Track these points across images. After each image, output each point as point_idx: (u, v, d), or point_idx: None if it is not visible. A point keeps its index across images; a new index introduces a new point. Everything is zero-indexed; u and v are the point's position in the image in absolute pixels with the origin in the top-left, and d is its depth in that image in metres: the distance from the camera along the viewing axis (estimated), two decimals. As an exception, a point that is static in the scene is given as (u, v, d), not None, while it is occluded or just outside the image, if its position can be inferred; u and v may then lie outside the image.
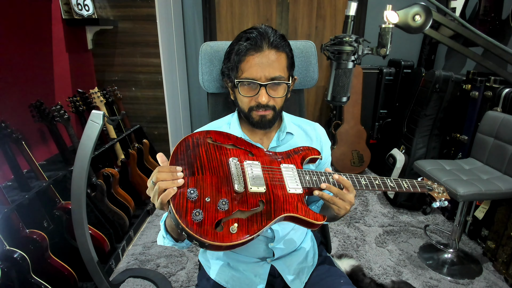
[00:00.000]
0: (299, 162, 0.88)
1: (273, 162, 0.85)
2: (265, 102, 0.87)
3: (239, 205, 0.73)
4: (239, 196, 0.75)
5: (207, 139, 0.83)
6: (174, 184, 0.69)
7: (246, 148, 0.86)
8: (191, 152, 0.78)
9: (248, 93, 0.89)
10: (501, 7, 2.29)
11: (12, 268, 1.32)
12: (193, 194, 0.70)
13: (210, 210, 0.70)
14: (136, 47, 2.55)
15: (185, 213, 0.67)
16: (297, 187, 0.81)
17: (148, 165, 2.60)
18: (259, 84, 0.86)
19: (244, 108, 0.92)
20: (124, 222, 2.11)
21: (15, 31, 1.76)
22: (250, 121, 0.93)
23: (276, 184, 0.80)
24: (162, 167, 0.72)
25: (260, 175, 0.80)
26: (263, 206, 0.76)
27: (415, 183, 0.93)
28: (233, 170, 0.78)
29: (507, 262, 1.83)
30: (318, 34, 3.28)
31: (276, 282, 1.01)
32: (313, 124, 1.06)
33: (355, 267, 1.80)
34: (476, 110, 2.18)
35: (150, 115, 2.73)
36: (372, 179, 0.88)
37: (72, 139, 1.89)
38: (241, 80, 0.87)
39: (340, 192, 0.81)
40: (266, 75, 0.86)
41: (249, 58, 0.86)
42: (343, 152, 3.08)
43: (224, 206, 0.71)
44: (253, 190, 0.76)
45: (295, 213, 0.78)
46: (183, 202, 0.69)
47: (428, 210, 2.51)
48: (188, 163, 0.76)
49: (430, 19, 0.74)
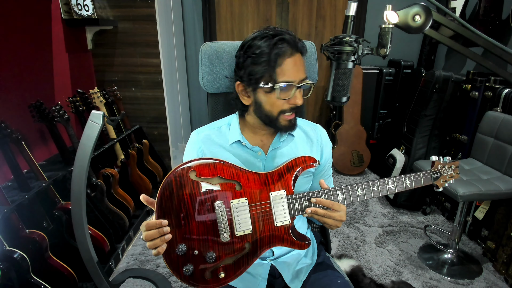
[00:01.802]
0: (290, 183, 0.86)
1: (262, 191, 0.83)
2: (301, 104, 0.88)
3: (226, 253, 0.80)
4: (226, 244, 0.80)
5: (191, 173, 0.78)
6: (162, 242, 0.74)
7: (234, 178, 0.82)
8: (175, 198, 0.77)
9: (285, 96, 0.87)
10: (501, 7, 2.29)
11: (12, 268, 1.32)
12: (182, 250, 0.77)
13: (199, 263, 0.78)
14: (136, 47, 2.55)
15: (176, 268, 0.77)
16: (285, 218, 0.83)
17: (148, 165, 2.60)
18: (297, 86, 0.86)
19: (274, 112, 0.89)
20: (124, 222, 2.11)
21: (15, 31, 1.76)
22: (276, 126, 0.91)
23: (263, 219, 0.83)
24: (149, 224, 0.74)
25: (247, 216, 0.81)
26: (249, 247, 0.81)
27: (421, 177, 0.94)
28: (219, 218, 0.79)
29: (507, 262, 1.83)
30: (318, 34, 3.28)
31: (276, 282, 1.01)
32: (314, 126, 1.05)
33: (355, 267, 1.80)
34: (476, 110, 2.18)
35: (150, 115, 2.73)
36: (371, 184, 0.88)
37: (72, 139, 1.89)
38: (283, 83, 0.85)
39: (327, 213, 0.83)
40: (300, 77, 0.86)
41: (287, 61, 0.85)
42: (343, 152, 3.08)
43: (211, 257, 0.78)
44: (239, 234, 0.80)
45: (281, 245, 0.85)
46: (174, 258, 0.77)
47: (428, 210, 2.51)
48: (173, 211, 0.77)
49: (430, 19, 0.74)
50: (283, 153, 0.97)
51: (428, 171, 0.96)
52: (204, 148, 0.96)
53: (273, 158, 0.96)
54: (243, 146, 0.95)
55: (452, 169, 0.99)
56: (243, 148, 0.96)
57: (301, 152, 0.99)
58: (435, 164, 0.97)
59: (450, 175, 0.99)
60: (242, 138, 0.95)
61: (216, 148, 0.96)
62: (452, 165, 0.99)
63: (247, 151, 0.96)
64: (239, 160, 0.95)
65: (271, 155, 0.96)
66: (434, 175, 0.96)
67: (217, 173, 0.81)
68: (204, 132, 0.99)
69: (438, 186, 0.97)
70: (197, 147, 0.96)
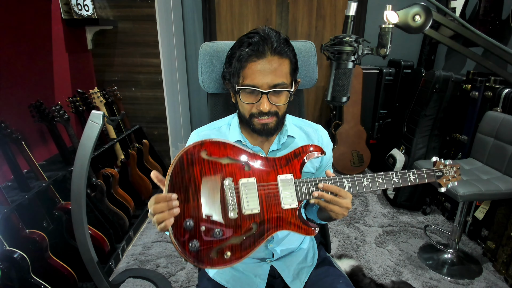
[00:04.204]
0: (298, 168, 0.86)
1: (270, 173, 0.84)
2: (266, 110, 0.86)
3: (233, 231, 0.79)
4: (233, 222, 0.79)
5: (202, 152, 0.79)
6: (171, 215, 0.72)
7: (243, 160, 0.83)
8: (186, 174, 0.77)
9: (250, 100, 0.87)
10: (501, 7, 2.29)
11: (12, 268, 1.32)
12: (189, 225, 0.75)
13: (206, 239, 0.76)
14: (136, 47, 2.55)
15: (183, 244, 0.75)
16: (292, 202, 0.83)
17: (148, 165, 2.60)
18: (261, 92, 0.84)
19: (245, 114, 0.90)
20: (124, 222, 2.11)
21: (15, 31, 1.76)
22: (252, 128, 0.91)
23: (271, 201, 0.82)
24: (158, 197, 0.73)
25: (255, 195, 0.81)
26: (256, 228, 0.80)
27: (424, 173, 0.94)
28: (227, 195, 0.79)
29: (507, 262, 1.83)
30: (318, 34, 3.28)
31: (276, 283, 1.01)
32: (315, 126, 1.05)
33: (355, 267, 1.80)
34: (476, 110, 2.18)
35: (150, 115, 2.73)
36: (376, 176, 0.88)
37: (72, 139, 1.89)
38: (243, 87, 0.85)
39: (334, 199, 0.82)
40: (269, 82, 0.84)
41: (251, 65, 0.83)
42: (343, 153, 3.08)
43: (218, 234, 0.77)
44: (247, 213, 0.79)
45: (288, 229, 0.83)
46: (180, 232, 0.75)
47: (428, 210, 2.51)
48: (183, 187, 0.76)
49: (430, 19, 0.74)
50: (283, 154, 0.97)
51: (430, 169, 0.96)
52: None
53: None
54: (244, 146, 0.95)
55: (454, 171, 0.99)
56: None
57: None
58: (437, 164, 0.98)
59: (452, 176, 0.99)
60: (242, 138, 0.95)
61: (215, 148, 0.96)
62: (453, 166, 0.99)
63: (247, 151, 0.95)
64: (239, 160, 0.94)
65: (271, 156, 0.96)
66: (437, 173, 0.96)
67: (227, 153, 0.81)
68: (204, 132, 0.99)
69: (441, 185, 0.97)
70: None
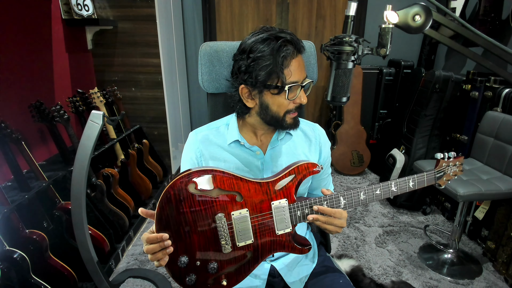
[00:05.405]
0: (292, 191, 0.85)
1: (264, 202, 0.82)
2: (305, 102, 0.90)
3: (228, 263, 0.81)
4: (228, 254, 0.80)
5: (189, 186, 0.76)
6: (164, 255, 0.75)
7: (234, 189, 0.80)
8: (175, 211, 0.76)
9: (292, 96, 0.88)
10: (501, 7, 2.28)
11: (12, 268, 1.32)
12: (184, 261, 0.77)
13: (202, 273, 0.79)
14: (136, 47, 2.55)
15: (179, 278, 0.78)
16: (286, 227, 0.83)
17: (148, 165, 2.60)
18: (301, 86, 0.88)
19: (280, 112, 0.90)
20: (124, 222, 2.11)
21: (15, 31, 1.76)
22: (282, 125, 0.92)
23: (264, 228, 0.83)
24: (150, 238, 0.74)
25: (248, 228, 0.81)
26: (251, 255, 0.82)
27: (425, 178, 0.95)
28: (220, 231, 0.79)
29: (507, 262, 1.83)
30: (318, 34, 3.28)
31: (276, 282, 1.01)
32: (313, 125, 1.05)
33: (355, 267, 1.80)
34: (476, 110, 2.18)
35: (150, 115, 2.73)
36: (373, 188, 0.89)
37: (72, 139, 1.89)
38: (292, 84, 0.86)
39: (329, 220, 0.84)
40: (304, 77, 0.89)
41: (293, 62, 0.86)
42: (343, 152, 3.08)
43: (213, 268, 0.79)
44: (241, 245, 0.81)
45: (282, 251, 0.85)
46: (176, 269, 0.78)
47: (428, 210, 2.51)
48: (174, 224, 0.76)
49: (430, 19, 0.74)
50: (282, 152, 0.97)
51: (431, 171, 0.96)
52: (202, 149, 0.96)
53: (272, 157, 0.96)
54: (242, 145, 0.95)
55: (456, 166, 0.99)
56: (242, 148, 0.96)
57: (300, 151, 0.99)
58: (440, 163, 0.97)
59: (454, 173, 0.99)
60: (240, 138, 0.95)
61: (214, 148, 0.96)
62: (456, 161, 0.99)
63: (246, 151, 0.96)
64: (238, 159, 0.95)
65: (269, 154, 0.96)
66: (438, 174, 0.96)
67: (216, 185, 0.79)
68: (202, 133, 0.99)
69: (440, 184, 0.97)
70: (195, 148, 0.96)
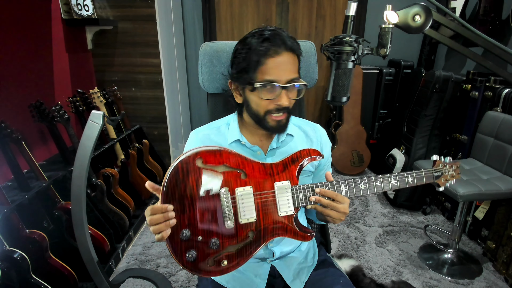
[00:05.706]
0: (295, 174, 0.85)
1: (267, 181, 0.83)
2: (286, 105, 0.86)
3: (230, 241, 0.79)
4: (230, 231, 0.79)
5: (197, 161, 0.78)
6: (167, 226, 0.73)
7: (239, 167, 0.82)
8: (181, 184, 0.76)
9: (269, 96, 0.86)
10: (501, 7, 2.29)
11: (12, 268, 1.32)
12: (186, 235, 0.76)
13: (202, 249, 0.77)
14: (136, 47, 2.55)
15: (180, 253, 0.76)
16: (289, 209, 0.83)
17: (148, 165, 2.60)
18: (281, 87, 0.84)
19: (260, 111, 0.89)
20: (124, 222, 2.11)
21: (15, 31, 1.76)
22: (264, 126, 0.90)
23: (267, 209, 0.82)
24: (154, 208, 0.73)
25: (251, 204, 0.81)
26: (253, 235, 0.81)
27: (423, 175, 0.94)
28: (224, 204, 0.79)
29: (507, 262, 1.83)
30: (318, 34, 3.28)
31: (276, 282, 1.01)
32: (314, 125, 1.05)
33: (355, 267, 1.80)
34: (476, 110, 2.18)
35: (150, 115, 2.73)
36: (374, 179, 0.88)
37: (72, 139, 1.89)
38: (263, 82, 0.84)
39: (331, 204, 0.82)
40: (287, 77, 0.84)
41: (270, 60, 0.83)
42: (343, 152, 3.08)
43: (215, 244, 0.78)
44: (243, 222, 0.80)
45: (284, 235, 0.84)
46: (177, 243, 0.76)
47: (428, 210, 2.51)
48: (179, 198, 0.76)
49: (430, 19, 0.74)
50: (282, 153, 0.97)
51: (430, 169, 0.96)
52: None
53: (273, 158, 0.96)
54: (243, 145, 0.95)
55: (453, 169, 0.99)
56: (243, 147, 0.96)
57: None
58: (436, 163, 0.98)
59: (452, 175, 0.99)
60: (241, 137, 0.95)
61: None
62: (453, 165, 0.99)
63: (247, 151, 0.95)
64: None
65: (270, 155, 0.96)
66: (436, 173, 0.96)
67: (223, 161, 0.80)
68: (203, 132, 0.99)
69: (439, 185, 0.97)
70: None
